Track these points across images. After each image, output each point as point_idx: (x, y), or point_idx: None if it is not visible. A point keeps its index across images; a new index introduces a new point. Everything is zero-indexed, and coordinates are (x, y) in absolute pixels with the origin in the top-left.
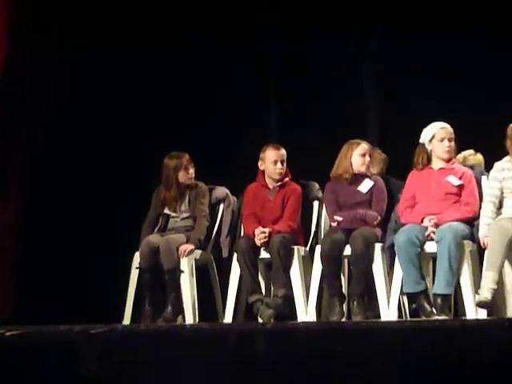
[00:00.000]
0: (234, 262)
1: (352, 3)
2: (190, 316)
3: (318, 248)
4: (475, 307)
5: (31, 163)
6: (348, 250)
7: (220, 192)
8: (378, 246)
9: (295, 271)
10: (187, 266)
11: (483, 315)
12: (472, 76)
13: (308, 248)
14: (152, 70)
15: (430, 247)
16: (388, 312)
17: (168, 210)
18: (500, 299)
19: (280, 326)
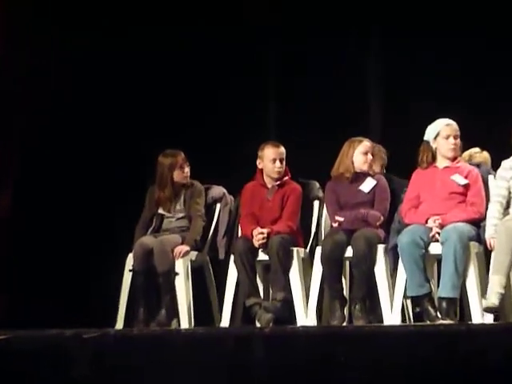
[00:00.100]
0: (231, 264)
1: (352, 3)
2: (185, 320)
3: (319, 249)
4: (481, 311)
5: (30, 162)
6: (349, 252)
7: (216, 191)
8: (381, 248)
9: (295, 273)
10: (182, 268)
11: (490, 319)
12: (472, 76)
13: (308, 249)
14: (152, 70)
15: (435, 249)
16: (391, 316)
17: (162, 210)
18: (508, 304)
19: (279, 331)
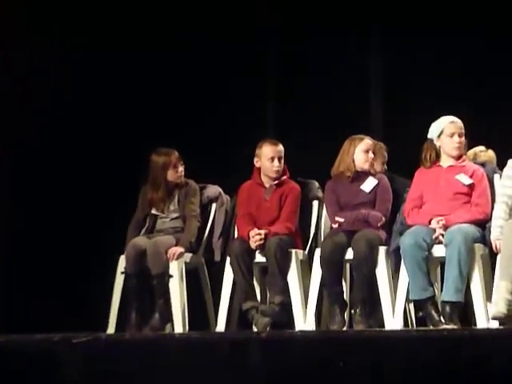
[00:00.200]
0: (227, 266)
1: (352, 3)
2: (180, 324)
3: (318, 251)
4: (488, 318)
5: (30, 162)
6: (350, 254)
7: (212, 191)
8: (382, 250)
9: (293, 276)
10: (176, 271)
11: (495, 324)
12: (472, 76)
13: (307, 251)
14: (152, 70)
15: (438, 251)
16: (392, 320)
17: (156, 211)
18: None
19: (276, 336)
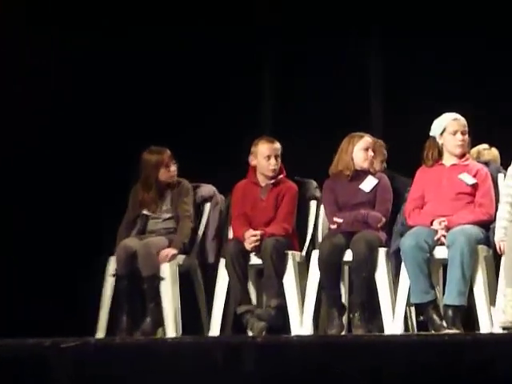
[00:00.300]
0: (222, 269)
1: (352, 3)
2: (172, 328)
3: (316, 253)
4: (490, 320)
5: (29, 162)
6: (349, 256)
7: (206, 190)
8: (382, 251)
9: (290, 279)
10: (169, 273)
11: (498, 329)
12: (472, 76)
13: (304, 253)
14: (152, 70)
15: (440, 252)
16: (393, 325)
17: (147, 211)
18: None
19: (272, 340)
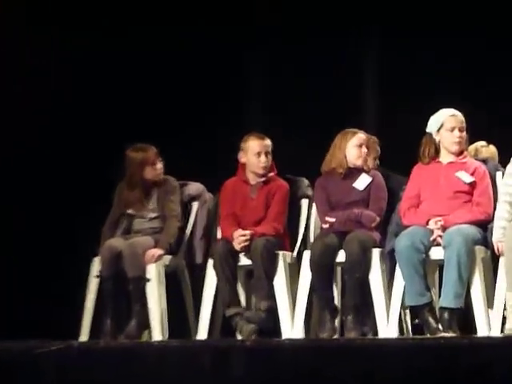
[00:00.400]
0: (210, 269)
1: (352, 3)
2: (158, 331)
3: (307, 254)
4: (487, 323)
5: (29, 162)
6: (341, 257)
7: (194, 188)
8: (376, 252)
9: (280, 280)
10: (155, 274)
11: (496, 332)
12: (472, 76)
13: (295, 253)
14: (152, 70)
15: (437, 253)
16: (387, 328)
17: (133, 210)
18: None
19: (262, 344)
